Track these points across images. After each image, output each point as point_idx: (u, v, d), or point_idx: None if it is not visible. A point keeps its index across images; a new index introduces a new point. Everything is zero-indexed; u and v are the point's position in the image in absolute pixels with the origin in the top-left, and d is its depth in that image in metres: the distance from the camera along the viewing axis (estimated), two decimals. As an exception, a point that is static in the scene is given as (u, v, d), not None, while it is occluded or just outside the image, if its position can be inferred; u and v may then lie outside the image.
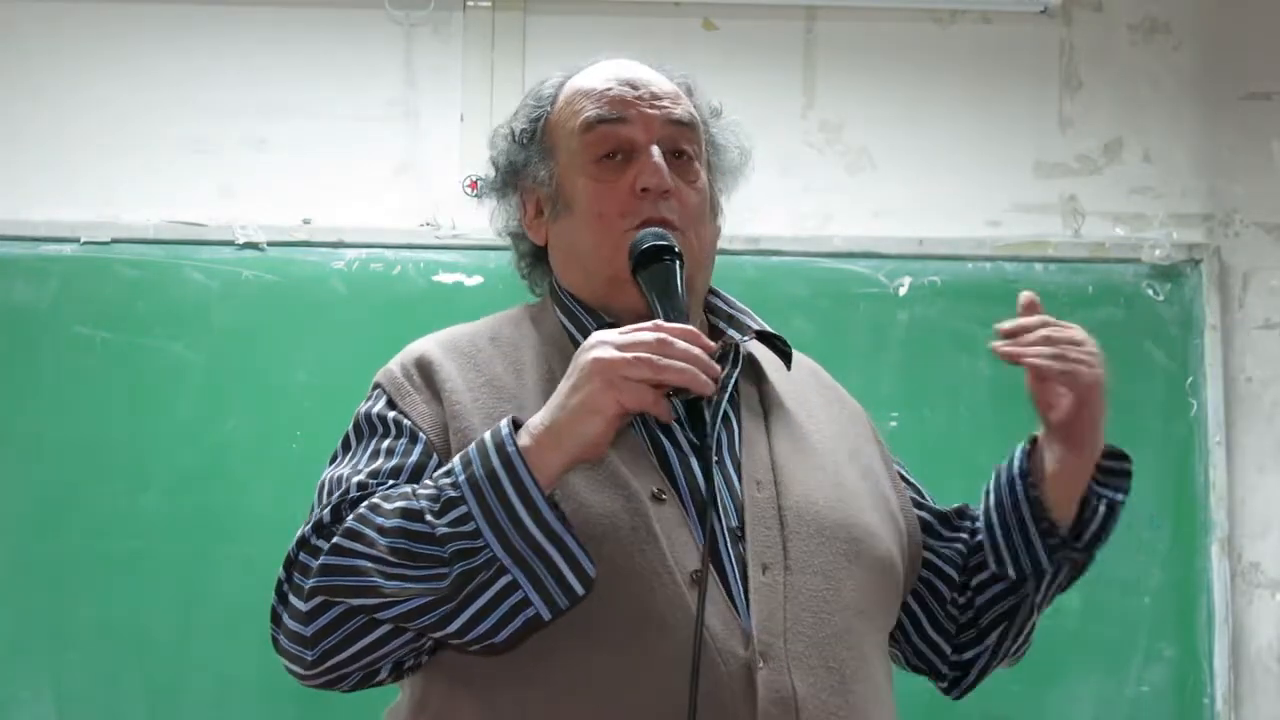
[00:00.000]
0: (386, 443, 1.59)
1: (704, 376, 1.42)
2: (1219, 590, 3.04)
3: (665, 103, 1.67)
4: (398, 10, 3.21)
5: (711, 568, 1.51)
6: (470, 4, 3.22)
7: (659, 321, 1.46)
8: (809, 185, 3.22)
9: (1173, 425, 3.10)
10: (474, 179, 3.18)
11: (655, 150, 1.63)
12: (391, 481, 1.53)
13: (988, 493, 1.72)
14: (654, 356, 1.41)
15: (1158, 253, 3.16)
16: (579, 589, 1.43)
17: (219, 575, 2.92)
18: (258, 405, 2.99)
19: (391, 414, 1.62)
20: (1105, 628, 3.02)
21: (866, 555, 1.61)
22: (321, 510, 1.52)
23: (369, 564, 1.45)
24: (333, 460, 1.63)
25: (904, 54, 3.28)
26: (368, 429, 1.63)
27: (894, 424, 3.01)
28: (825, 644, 1.53)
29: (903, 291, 3.13)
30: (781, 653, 1.50)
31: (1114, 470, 1.73)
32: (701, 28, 3.26)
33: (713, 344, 1.46)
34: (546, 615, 1.44)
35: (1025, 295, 1.71)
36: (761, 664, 1.49)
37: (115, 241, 3.06)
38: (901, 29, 3.28)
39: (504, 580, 1.42)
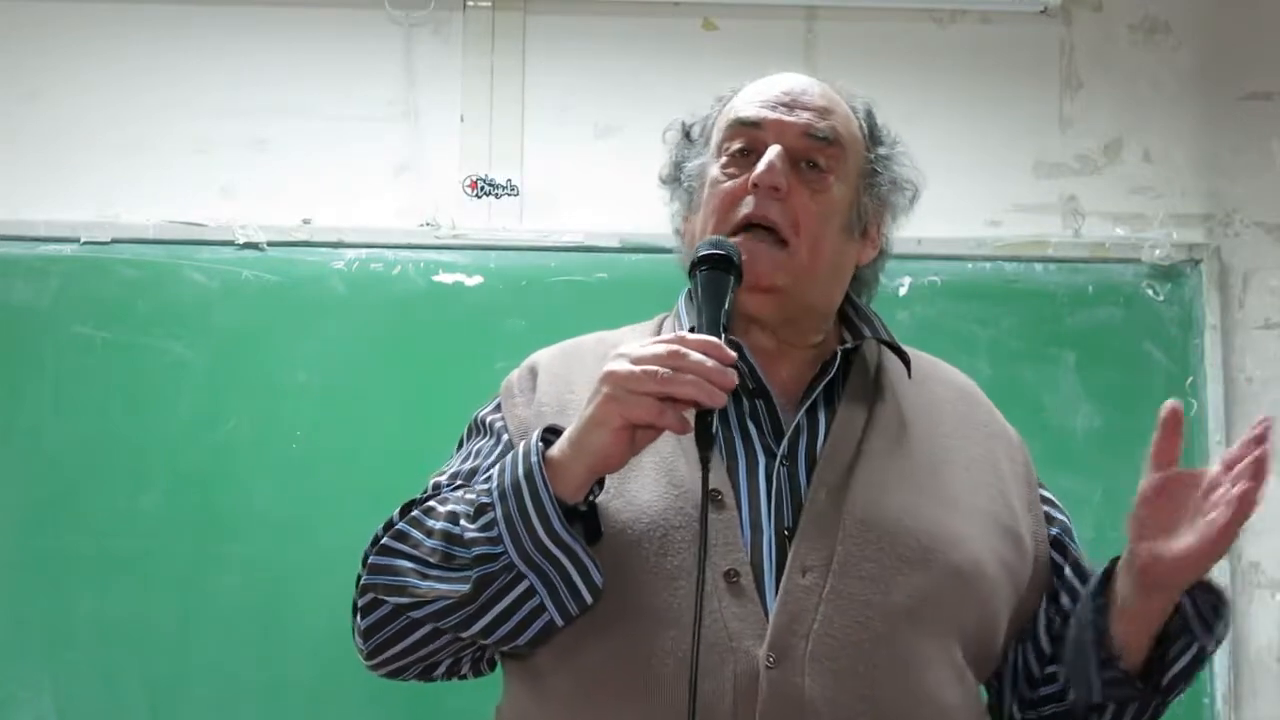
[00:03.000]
0: (479, 444, 1.68)
1: (712, 389, 1.42)
2: (1219, 590, 3.03)
3: (809, 115, 1.69)
4: (398, 10, 3.21)
5: (749, 568, 1.53)
6: (470, 4, 3.22)
7: (682, 334, 1.47)
8: (809, 185, 3.22)
9: (1173, 425, 3.09)
10: (474, 179, 3.19)
11: (774, 149, 1.65)
12: (462, 484, 1.60)
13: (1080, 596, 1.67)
14: (661, 370, 1.42)
15: (1158, 253, 3.16)
16: (588, 597, 1.49)
17: (219, 575, 2.92)
18: (258, 405, 2.99)
19: (492, 417, 1.71)
20: (1105, 628, 3.01)
21: (940, 561, 1.58)
22: (395, 511, 1.60)
23: (408, 564, 1.53)
24: (448, 460, 1.73)
25: (904, 54, 3.28)
26: (474, 431, 1.73)
27: (894, 424, 3.01)
28: (858, 648, 1.52)
29: (903, 291, 3.12)
30: (800, 654, 1.50)
31: (1207, 606, 1.61)
32: (701, 28, 3.26)
33: (732, 355, 1.45)
34: (560, 621, 1.50)
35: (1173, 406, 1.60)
36: (772, 665, 1.49)
37: (115, 241, 3.06)
38: (901, 29, 3.28)
39: (522, 586, 1.48)
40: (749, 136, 1.69)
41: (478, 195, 3.17)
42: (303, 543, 2.89)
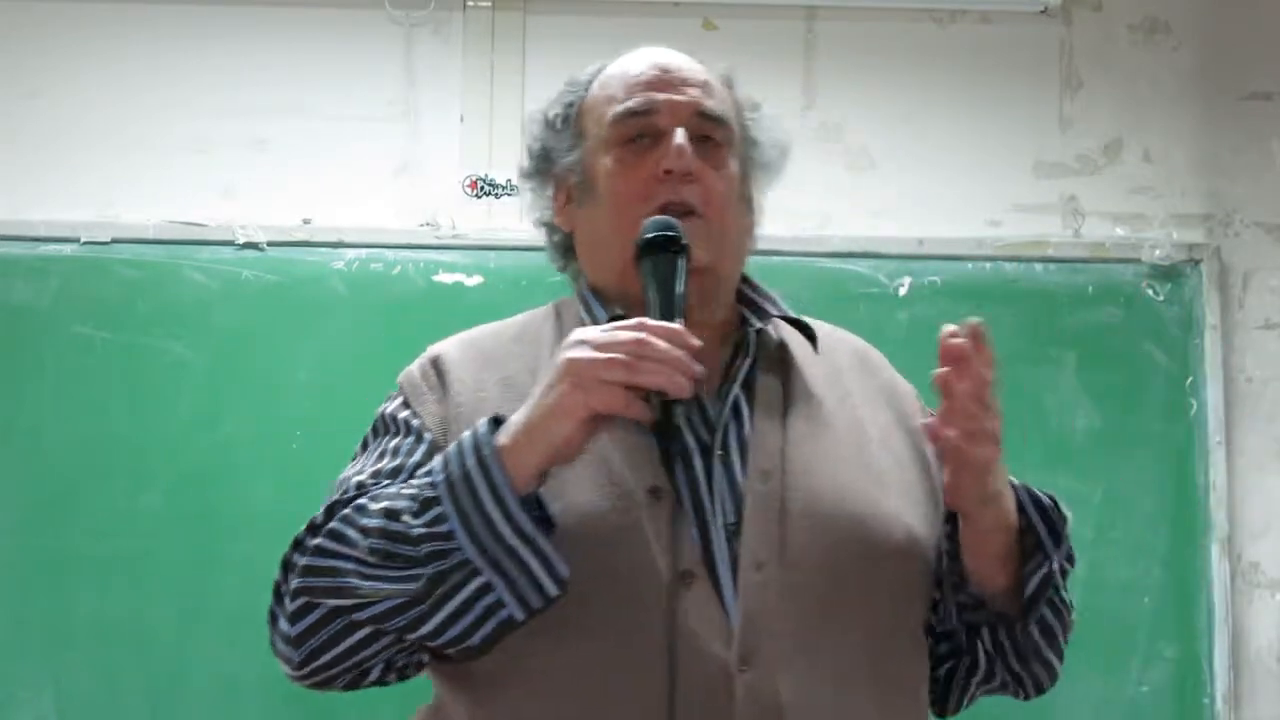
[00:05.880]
0: (394, 442, 1.59)
1: (680, 379, 1.38)
2: (1219, 590, 3.04)
3: (696, 92, 1.65)
4: (398, 10, 3.21)
5: (703, 567, 1.49)
6: (470, 4, 3.22)
7: (643, 320, 1.43)
8: (809, 185, 3.22)
9: (1173, 425, 3.10)
10: (474, 179, 3.19)
11: (680, 133, 1.61)
12: (388, 481, 1.52)
13: None
14: (628, 357, 1.38)
15: (1158, 253, 3.16)
16: (552, 590, 1.42)
17: (219, 575, 2.92)
18: (258, 405, 2.99)
19: (404, 414, 1.62)
20: (1105, 628, 3.02)
21: (883, 544, 1.54)
22: (319, 512, 1.52)
23: (348, 565, 1.45)
24: (352, 460, 1.64)
25: (904, 54, 3.28)
26: (381, 429, 1.64)
27: (894, 424, 3.01)
28: (822, 645, 1.49)
29: (903, 291, 3.13)
30: (768, 655, 1.46)
31: (1055, 523, 1.56)
32: (701, 28, 3.26)
33: (697, 343, 1.41)
34: (520, 616, 1.43)
35: (973, 326, 1.51)
36: (744, 667, 1.45)
37: (115, 241, 3.06)
38: (901, 29, 3.28)
39: (478, 581, 1.41)
40: (642, 124, 1.63)
41: (478, 195, 3.17)
42: (303, 543, 2.89)
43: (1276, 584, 3.11)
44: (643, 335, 1.39)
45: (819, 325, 1.75)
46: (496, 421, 1.45)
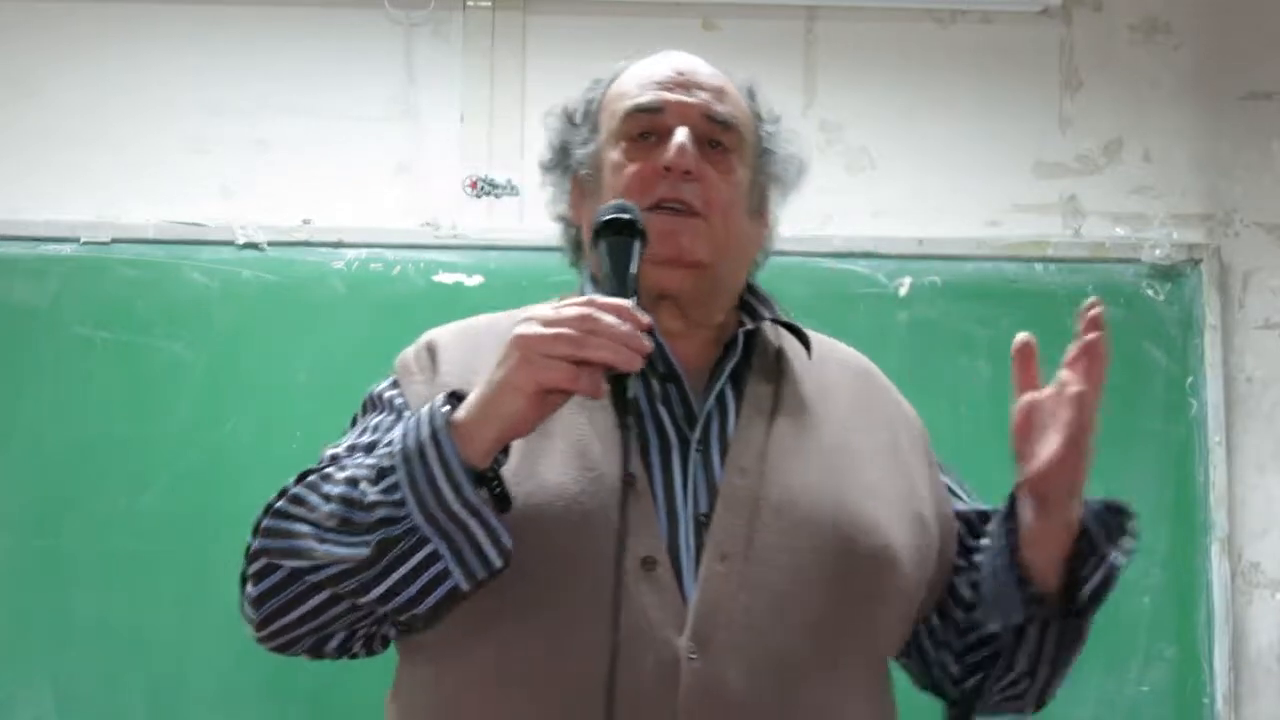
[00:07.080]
0: (377, 419, 1.64)
1: (628, 354, 1.39)
2: (1219, 590, 3.04)
3: (707, 96, 1.68)
4: (398, 10, 3.21)
5: (666, 555, 1.51)
6: (470, 4, 3.22)
7: (592, 297, 1.44)
8: (809, 185, 3.21)
9: (1173, 425, 3.10)
10: (474, 179, 3.19)
11: (682, 131, 1.64)
12: (362, 455, 1.56)
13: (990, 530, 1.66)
14: (575, 333, 1.40)
15: (1158, 253, 3.17)
16: (497, 562, 1.45)
17: (219, 575, 2.89)
18: (258, 405, 2.99)
19: (390, 393, 1.66)
20: (1105, 628, 3.00)
21: (856, 551, 1.56)
22: (290, 479, 1.56)
23: (305, 527, 1.49)
24: (342, 436, 1.68)
25: (904, 54, 3.28)
26: (369, 406, 1.69)
27: (894, 424, 3.00)
28: (778, 640, 1.50)
29: (903, 291, 3.13)
30: (721, 644, 1.48)
31: (1113, 526, 1.61)
32: (701, 28, 3.26)
33: (646, 320, 1.42)
34: (465, 586, 1.45)
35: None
36: (693, 655, 1.47)
37: (115, 241, 3.06)
38: (901, 29, 3.28)
39: (426, 550, 1.44)
40: (650, 122, 1.66)
41: (478, 195, 3.18)
42: (303, 543, 2.89)
43: (1276, 584, 3.11)
44: (590, 311, 1.41)
45: (821, 339, 1.77)
46: (458, 396, 1.47)
